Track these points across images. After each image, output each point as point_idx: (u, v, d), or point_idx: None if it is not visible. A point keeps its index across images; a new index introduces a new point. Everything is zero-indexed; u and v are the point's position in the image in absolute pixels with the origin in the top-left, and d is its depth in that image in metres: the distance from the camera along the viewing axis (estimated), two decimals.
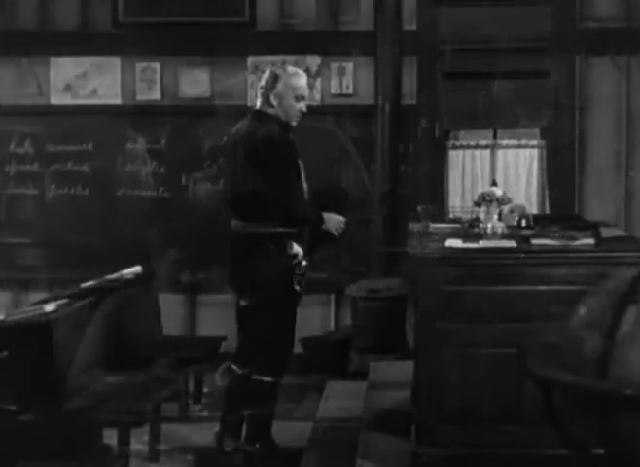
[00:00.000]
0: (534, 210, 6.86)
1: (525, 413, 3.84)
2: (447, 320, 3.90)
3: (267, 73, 4.92)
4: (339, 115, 7.04)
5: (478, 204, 4.39)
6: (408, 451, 4.03)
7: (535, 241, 4.11)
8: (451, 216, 5.11)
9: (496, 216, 4.33)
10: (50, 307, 4.94)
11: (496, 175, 7.04)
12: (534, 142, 7.19)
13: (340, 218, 4.87)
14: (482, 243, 4.14)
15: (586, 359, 2.54)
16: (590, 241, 4.08)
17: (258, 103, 4.90)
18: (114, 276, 5.99)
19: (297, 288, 4.80)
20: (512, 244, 4.12)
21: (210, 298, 7.10)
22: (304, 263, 4.78)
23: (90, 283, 5.80)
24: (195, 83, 7.13)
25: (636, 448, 2.53)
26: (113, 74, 7.17)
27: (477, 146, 7.20)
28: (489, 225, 4.25)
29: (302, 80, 4.88)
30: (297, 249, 4.77)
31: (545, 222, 4.61)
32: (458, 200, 7.05)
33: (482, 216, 4.34)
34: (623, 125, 7.00)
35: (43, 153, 7.22)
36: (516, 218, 4.61)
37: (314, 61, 7.08)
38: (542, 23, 6.93)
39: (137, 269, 6.21)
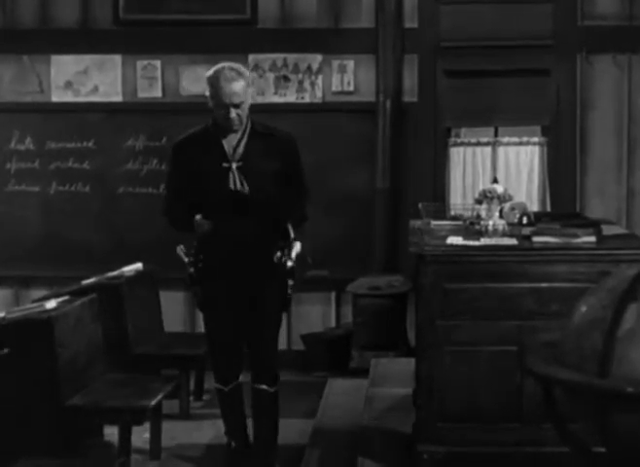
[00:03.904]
0: (535, 208, 6.87)
1: (526, 411, 3.84)
2: (448, 318, 3.89)
3: None
4: (340, 112, 7.03)
5: (479, 202, 4.38)
6: (409, 449, 4.03)
7: (536, 239, 4.11)
8: (452, 213, 5.09)
9: (497, 213, 4.33)
10: (50, 305, 4.95)
11: (497, 172, 7.03)
12: (535, 139, 7.18)
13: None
14: (483, 241, 4.14)
15: (587, 357, 2.54)
16: (592, 239, 4.07)
17: None
18: (115, 273, 6.01)
19: (194, 287, 4.70)
20: (513, 242, 4.12)
21: None
22: (186, 260, 4.67)
23: (91, 280, 5.81)
24: (197, 80, 7.10)
25: (637, 446, 2.52)
26: (114, 71, 7.16)
27: (478, 143, 7.20)
28: (490, 222, 4.25)
29: None
30: (180, 247, 4.70)
31: (546, 219, 4.60)
32: (459, 198, 7.05)
33: (484, 213, 4.33)
34: (625, 122, 7.00)
35: (44, 150, 7.21)
36: (518, 215, 4.60)
37: (315, 59, 7.08)
38: (543, 21, 6.93)
39: (138, 266, 6.22)
